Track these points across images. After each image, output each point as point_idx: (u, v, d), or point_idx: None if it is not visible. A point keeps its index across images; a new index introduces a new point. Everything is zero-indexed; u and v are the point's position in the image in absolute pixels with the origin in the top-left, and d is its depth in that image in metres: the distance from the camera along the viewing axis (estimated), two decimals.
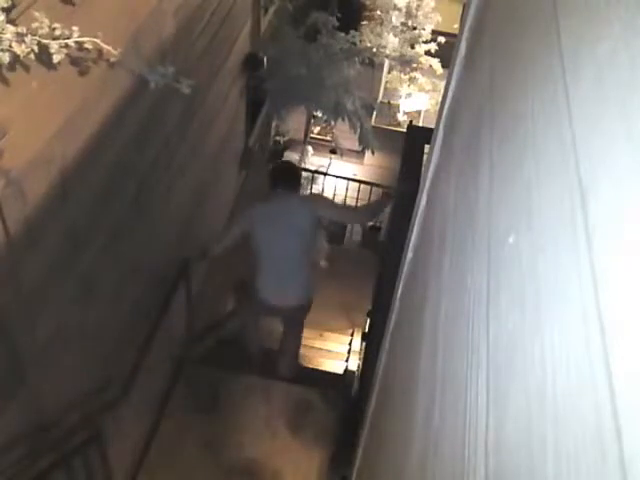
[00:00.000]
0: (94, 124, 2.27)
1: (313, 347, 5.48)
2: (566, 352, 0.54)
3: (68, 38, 1.62)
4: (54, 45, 1.58)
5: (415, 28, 6.16)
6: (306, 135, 7.56)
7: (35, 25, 1.55)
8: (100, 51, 1.77)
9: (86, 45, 1.68)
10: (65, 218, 2.21)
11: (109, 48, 1.74)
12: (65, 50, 1.62)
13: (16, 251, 1.92)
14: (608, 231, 0.52)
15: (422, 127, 6.76)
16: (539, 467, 0.55)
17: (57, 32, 1.60)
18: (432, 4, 6.15)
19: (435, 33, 6.29)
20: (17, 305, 2.01)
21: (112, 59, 1.80)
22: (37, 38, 1.54)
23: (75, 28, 1.64)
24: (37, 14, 1.56)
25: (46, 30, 1.57)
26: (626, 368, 0.44)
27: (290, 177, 3.58)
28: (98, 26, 1.93)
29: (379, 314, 3.21)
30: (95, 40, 1.69)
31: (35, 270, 2.08)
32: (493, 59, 1.29)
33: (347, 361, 5.33)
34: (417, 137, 4.04)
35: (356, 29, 5.78)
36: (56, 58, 1.61)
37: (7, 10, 1.52)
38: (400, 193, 3.48)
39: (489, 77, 1.26)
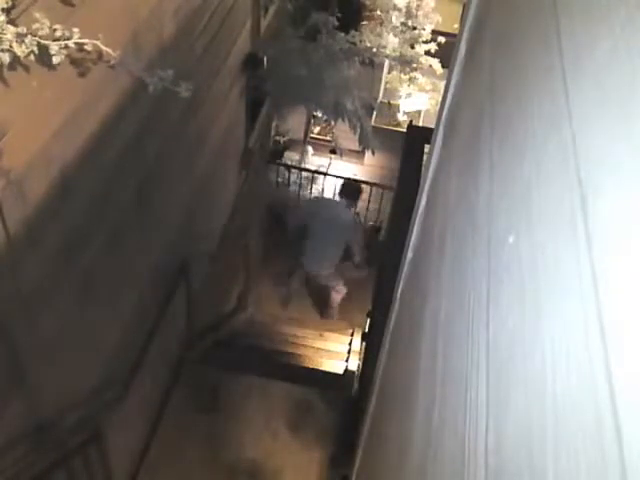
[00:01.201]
0: (94, 124, 2.27)
1: (313, 347, 5.48)
2: (566, 352, 0.54)
3: (68, 39, 1.62)
4: (54, 47, 1.58)
5: (415, 28, 6.14)
6: (306, 135, 7.54)
7: (36, 26, 1.55)
8: (100, 52, 1.76)
9: (86, 47, 1.68)
10: (65, 218, 2.21)
11: (109, 50, 1.73)
12: (65, 51, 1.62)
13: (16, 251, 1.92)
14: (608, 231, 0.52)
15: (422, 127, 6.75)
16: (539, 467, 0.55)
17: (57, 33, 1.60)
18: (432, 4, 6.13)
19: (435, 33, 6.27)
20: (17, 305, 2.01)
21: (112, 62, 1.80)
22: (37, 39, 1.54)
23: (75, 30, 1.64)
24: (38, 15, 1.56)
25: (46, 31, 1.57)
26: (626, 368, 0.44)
27: (351, 192, 5.37)
28: (98, 26, 1.93)
29: (379, 314, 3.21)
30: (95, 42, 1.68)
31: (35, 270, 2.08)
32: (493, 59, 1.29)
33: (347, 361, 5.32)
34: (417, 137, 4.04)
35: (356, 29, 5.76)
36: (56, 60, 1.61)
37: (7, 10, 1.52)
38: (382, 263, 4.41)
39: (489, 77, 1.26)
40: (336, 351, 5.53)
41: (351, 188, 5.45)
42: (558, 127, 0.69)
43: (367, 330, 4.45)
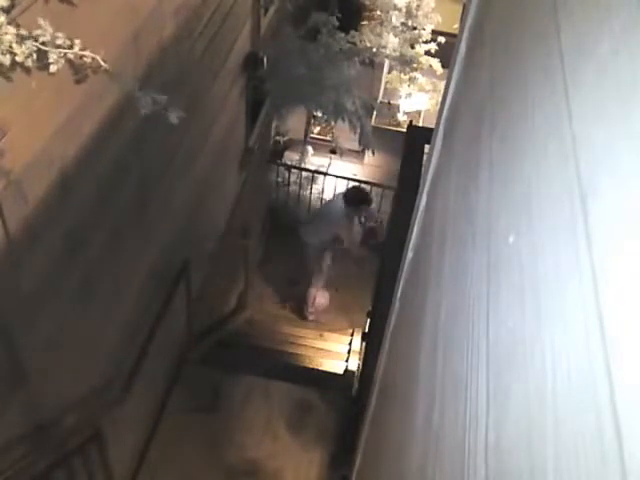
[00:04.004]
0: (94, 123, 2.27)
1: (313, 347, 5.48)
2: (566, 352, 0.54)
3: (70, 48, 1.61)
4: (53, 55, 1.58)
5: (415, 28, 6.14)
6: (306, 135, 7.54)
7: (38, 32, 1.55)
8: (99, 63, 1.76)
9: (85, 59, 1.68)
10: (65, 218, 2.21)
11: (106, 67, 1.72)
12: (63, 60, 1.61)
13: (16, 251, 1.92)
14: (608, 231, 0.52)
15: (422, 127, 6.75)
16: (539, 467, 0.55)
17: (59, 41, 1.59)
18: (432, 4, 6.12)
19: (435, 33, 6.27)
20: (17, 305, 2.01)
21: (109, 77, 1.78)
22: (37, 45, 1.54)
23: (77, 41, 1.63)
24: (41, 20, 1.56)
25: (48, 38, 1.56)
26: (626, 368, 0.44)
27: (354, 199, 5.55)
28: (98, 27, 1.93)
29: (379, 314, 3.21)
30: (95, 56, 1.68)
31: (35, 270, 2.08)
32: (493, 59, 1.29)
33: (347, 361, 5.33)
34: (417, 137, 4.03)
35: (356, 29, 5.77)
36: (53, 68, 1.60)
37: (7, 10, 1.52)
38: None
39: (489, 77, 1.26)
40: (336, 351, 5.53)
41: (354, 195, 5.59)
42: (558, 127, 0.69)
43: (367, 330, 4.45)
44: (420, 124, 7.88)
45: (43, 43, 1.55)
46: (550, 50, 0.79)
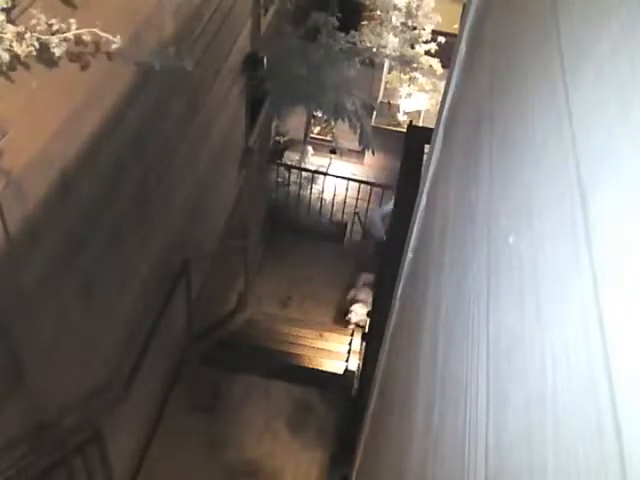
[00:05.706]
0: (94, 124, 2.26)
1: (313, 347, 5.48)
2: (566, 352, 0.54)
3: (66, 32, 1.61)
4: (54, 40, 1.58)
5: (415, 28, 6.15)
6: (306, 135, 7.54)
7: (33, 22, 1.55)
8: (98, 44, 1.75)
9: (85, 37, 1.67)
10: (65, 218, 2.21)
11: (108, 36, 1.72)
12: (65, 43, 1.61)
13: (16, 251, 1.92)
14: (608, 231, 0.52)
15: (422, 127, 6.74)
16: (539, 467, 0.55)
17: (55, 27, 1.59)
18: (432, 4, 6.13)
19: (435, 33, 6.28)
20: (17, 305, 2.01)
21: (113, 46, 1.77)
22: (36, 35, 1.54)
23: (72, 21, 1.63)
24: (34, 11, 1.56)
25: (44, 26, 1.57)
26: (626, 368, 0.44)
27: None
28: (98, 26, 1.92)
29: (379, 314, 3.21)
30: (94, 30, 1.68)
31: (35, 270, 2.08)
32: (493, 59, 1.29)
33: (347, 361, 5.32)
34: (417, 137, 4.03)
35: (356, 29, 5.77)
36: (58, 52, 1.60)
37: (7, 10, 1.52)
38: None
39: (489, 77, 1.26)
40: (336, 351, 5.53)
41: None
42: (558, 127, 0.69)
43: (367, 330, 4.45)
44: (420, 124, 7.89)
45: (40, 33, 1.55)
46: (550, 50, 0.79)
